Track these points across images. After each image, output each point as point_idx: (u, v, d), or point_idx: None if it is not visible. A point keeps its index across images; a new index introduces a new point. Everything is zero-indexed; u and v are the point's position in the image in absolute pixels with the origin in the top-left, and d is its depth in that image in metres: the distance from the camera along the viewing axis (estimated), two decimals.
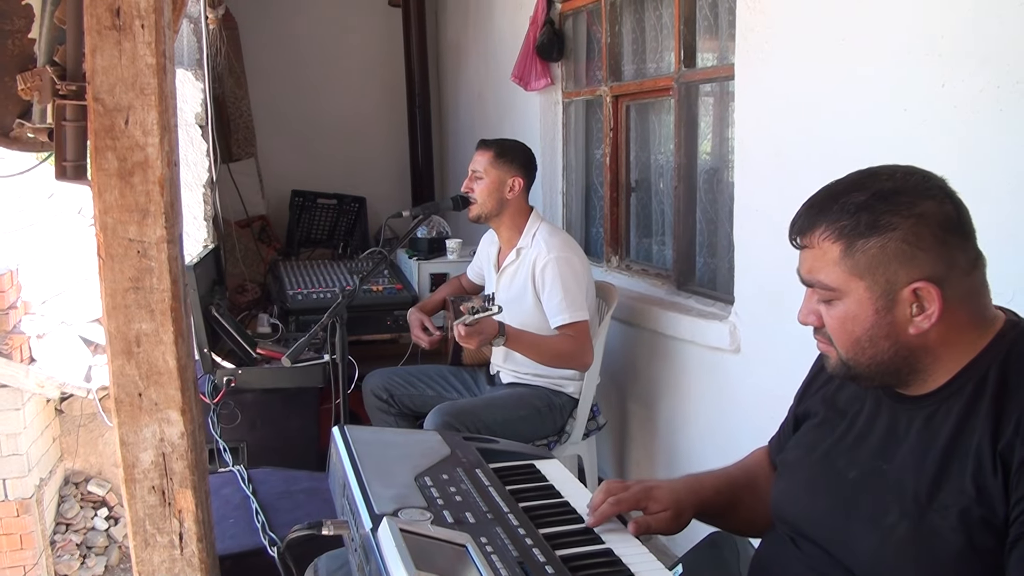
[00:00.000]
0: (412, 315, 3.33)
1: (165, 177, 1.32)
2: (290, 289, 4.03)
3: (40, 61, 1.79)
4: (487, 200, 3.08)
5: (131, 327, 1.34)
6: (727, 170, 3.06)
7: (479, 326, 2.67)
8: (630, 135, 3.79)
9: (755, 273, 2.71)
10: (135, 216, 1.32)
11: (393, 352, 3.88)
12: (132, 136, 1.30)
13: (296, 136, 5.69)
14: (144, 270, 1.33)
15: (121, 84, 1.29)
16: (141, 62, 1.29)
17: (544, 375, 3.06)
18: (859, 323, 1.29)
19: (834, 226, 1.28)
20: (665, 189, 3.53)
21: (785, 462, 1.51)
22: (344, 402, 2.76)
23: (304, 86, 5.73)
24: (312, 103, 5.75)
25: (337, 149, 5.82)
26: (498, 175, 3.07)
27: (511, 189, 3.07)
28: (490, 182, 3.07)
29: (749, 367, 2.77)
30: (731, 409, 2.88)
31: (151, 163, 1.31)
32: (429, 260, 4.21)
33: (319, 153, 5.75)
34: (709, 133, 3.28)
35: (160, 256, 1.33)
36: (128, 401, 1.36)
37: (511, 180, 3.07)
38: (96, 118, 1.30)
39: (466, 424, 2.78)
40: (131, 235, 1.32)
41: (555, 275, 2.92)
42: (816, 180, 1.38)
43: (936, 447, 1.25)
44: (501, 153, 3.09)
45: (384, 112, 5.99)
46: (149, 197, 1.32)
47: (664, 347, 3.23)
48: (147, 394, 1.36)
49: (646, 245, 3.75)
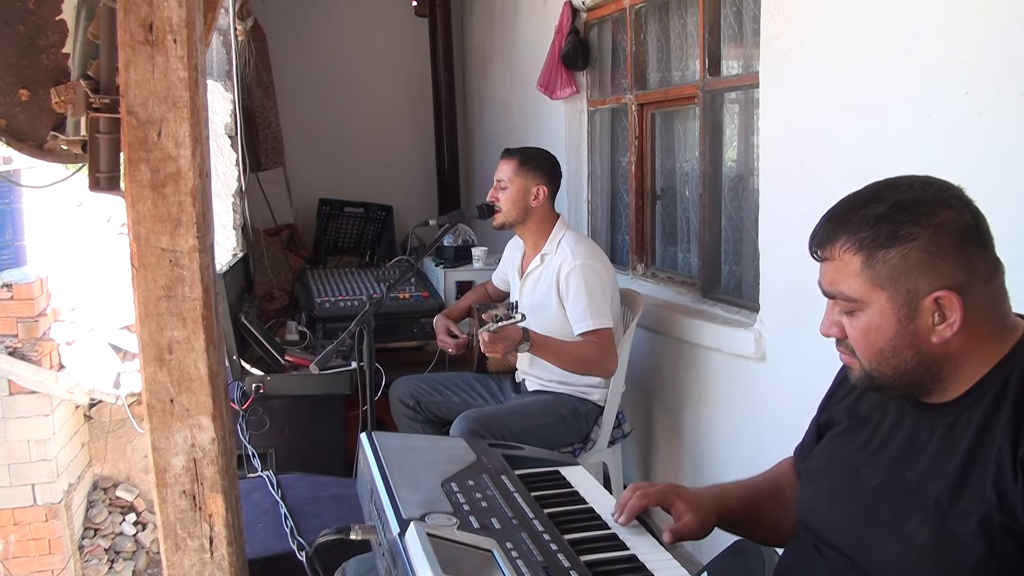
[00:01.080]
0: (438, 321, 3.34)
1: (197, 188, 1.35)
2: (318, 297, 4.06)
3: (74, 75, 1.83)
4: (511, 209, 3.09)
5: (163, 335, 1.37)
6: (752, 177, 3.06)
7: (503, 333, 2.68)
8: (655, 143, 3.80)
9: (780, 280, 2.70)
10: (167, 226, 1.35)
11: (419, 359, 3.90)
12: (165, 148, 1.33)
13: (323, 145, 5.74)
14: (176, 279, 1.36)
15: (154, 97, 1.32)
16: (173, 76, 1.31)
17: (569, 383, 3.07)
18: (882, 333, 1.29)
19: (854, 238, 1.28)
20: (690, 197, 3.53)
21: (809, 470, 1.51)
22: (371, 409, 2.78)
23: (331, 96, 5.78)
24: (339, 112, 5.80)
25: (364, 158, 5.86)
26: (522, 183, 3.08)
27: (535, 197, 3.08)
28: (514, 191, 3.08)
29: (775, 375, 2.76)
30: (757, 417, 2.87)
31: (183, 174, 1.34)
32: (455, 268, 4.23)
33: (346, 162, 5.79)
34: (734, 141, 3.28)
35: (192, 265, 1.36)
36: (160, 407, 1.38)
37: (535, 188, 3.08)
38: (130, 131, 1.33)
39: (491, 431, 2.79)
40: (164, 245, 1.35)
41: (580, 282, 2.92)
42: (841, 187, 1.38)
43: (957, 454, 1.25)
44: (525, 161, 3.10)
45: (411, 121, 6.03)
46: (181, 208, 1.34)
47: (689, 355, 3.22)
48: (179, 400, 1.38)
49: (671, 253, 3.75)
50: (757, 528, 1.60)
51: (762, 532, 1.60)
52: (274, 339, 3.41)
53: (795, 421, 1.71)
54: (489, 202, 3.13)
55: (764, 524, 1.60)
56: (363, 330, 2.74)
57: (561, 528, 1.44)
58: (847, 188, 1.35)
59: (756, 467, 1.72)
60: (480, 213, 3.14)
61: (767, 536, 1.60)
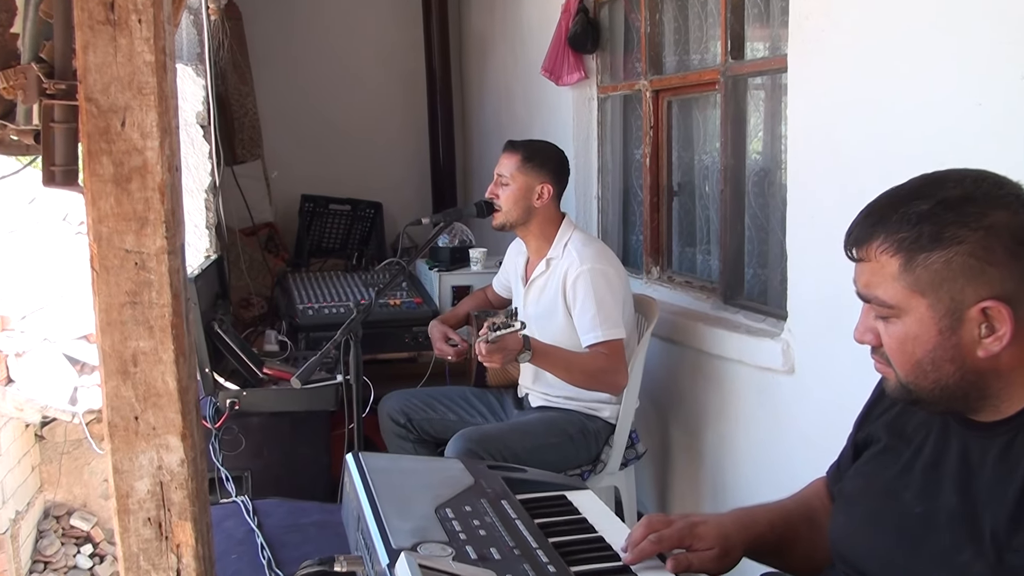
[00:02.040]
0: (434, 327, 3.35)
1: (165, 183, 1.34)
2: (300, 303, 4.06)
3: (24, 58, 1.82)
4: (512, 208, 3.09)
5: (127, 345, 1.36)
6: (779, 172, 3.05)
7: (502, 343, 2.68)
8: (672, 133, 3.79)
9: (810, 285, 2.69)
10: (132, 225, 1.34)
11: (412, 372, 3.90)
12: (129, 139, 1.32)
13: (306, 136, 5.74)
14: (142, 283, 1.35)
15: (117, 83, 1.31)
16: (139, 59, 1.31)
17: (577, 398, 3.06)
18: (920, 344, 1.28)
19: (893, 238, 1.27)
20: (711, 193, 3.53)
21: (844, 493, 1.51)
22: (358, 427, 2.78)
23: (315, 82, 5.78)
24: (324, 100, 5.80)
25: (351, 150, 5.86)
26: (525, 181, 3.08)
27: (539, 197, 3.08)
28: (516, 188, 3.08)
29: (804, 389, 2.75)
30: (785, 436, 2.86)
31: (150, 168, 1.33)
32: (451, 271, 4.23)
33: (331, 155, 5.79)
34: (759, 131, 3.27)
35: (160, 268, 1.35)
36: (123, 425, 1.37)
37: (540, 187, 3.08)
38: (89, 120, 1.32)
39: (491, 451, 2.78)
40: (128, 245, 1.34)
41: (588, 288, 2.92)
42: (878, 183, 1.37)
43: (1016, 480, 1.23)
44: (529, 156, 3.10)
45: (402, 110, 6.03)
46: (148, 205, 1.34)
47: (710, 367, 3.22)
48: (144, 418, 1.37)
49: (690, 255, 3.75)
50: (789, 556, 1.59)
51: (795, 560, 1.59)
52: (251, 350, 3.41)
53: (828, 440, 1.70)
54: (488, 199, 3.13)
55: (797, 551, 1.59)
56: (350, 340, 2.74)
57: (567, 559, 1.43)
58: (885, 183, 1.34)
59: (785, 491, 1.71)
60: (478, 211, 3.14)
61: (800, 565, 1.59)
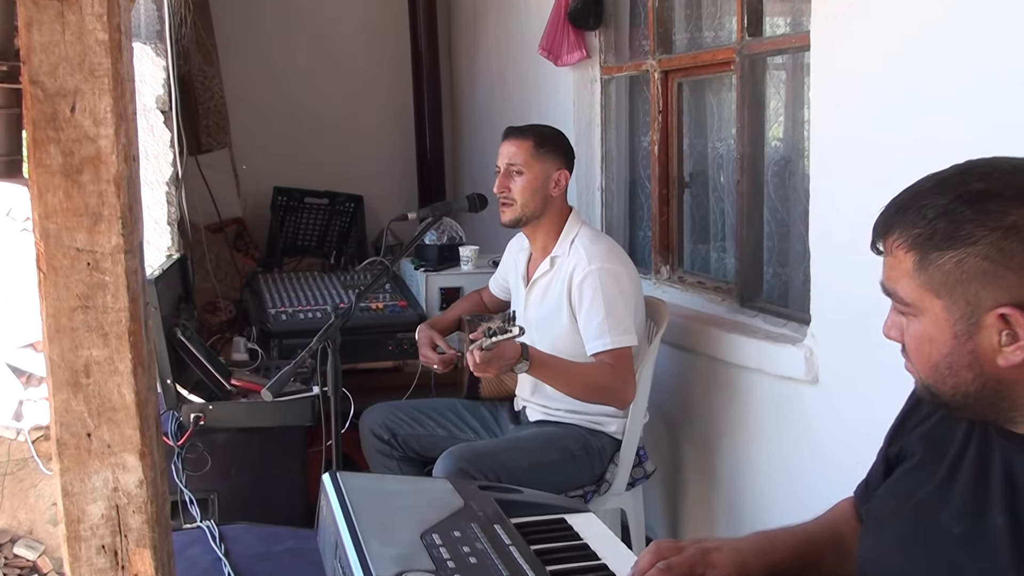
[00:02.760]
0: (421, 332, 3.35)
1: (121, 174, 1.34)
2: (272, 307, 4.05)
3: None
4: (530, 200, 3.08)
5: (79, 354, 1.35)
6: (801, 161, 3.05)
7: (497, 351, 2.67)
8: (683, 119, 3.80)
9: (836, 286, 2.69)
10: (84, 221, 1.34)
11: (396, 383, 3.89)
12: (80, 126, 1.32)
13: (279, 122, 5.73)
14: (96, 286, 1.34)
15: (65, 64, 1.31)
16: (90, 38, 1.30)
17: (580, 411, 3.07)
18: (936, 347, 1.30)
19: (908, 233, 1.29)
20: (726, 184, 3.53)
21: (873, 514, 1.51)
22: (337, 444, 2.78)
23: (289, 62, 5.77)
24: (298, 83, 5.79)
25: (329, 138, 5.85)
26: (542, 169, 3.08)
27: (556, 184, 3.09)
28: (533, 177, 3.08)
29: (830, 401, 2.75)
30: (808, 452, 2.86)
31: (104, 158, 1.33)
32: (439, 272, 4.22)
33: (307, 143, 5.78)
34: (779, 116, 3.28)
35: (115, 269, 1.35)
36: (74, 443, 1.37)
37: (556, 174, 3.09)
38: (35, 105, 1.32)
39: (484, 470, 2.78)
40: (80, 244, 1.34)
41: (596, 290, 2.93)
42: (910, 173, 1.37)
43: None
44: (542, 142, 3.10)
45: (385, 93, 6.02)
46: (102, 199, 1.33)
47: (725, 377, 3.22)
48: (98, 434, 1.37)
49: (703, 252, 3.75)
50: None
51: None
52: (218, 359, 3.41)
53: (855, 455, 1.70)
54: (498, 193, 3.11)
55: None
56: (327, 348, 2.74)
57: None
58: (917, 173, 1.34)
59: (808, 512, 1.71)
60: (470, 205, 3.15)
61: None
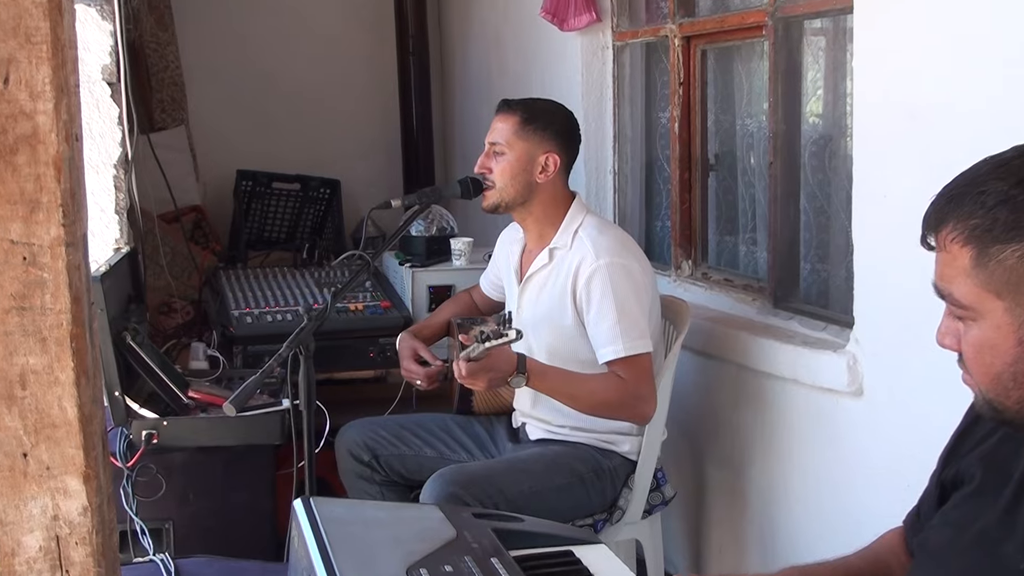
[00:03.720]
0: (403, 342, 3.34)
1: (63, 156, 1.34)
2: (235, 308, 4.05)
3: None
4: (509, 184, 3.09)
5: (13, 362, 1.35)
6: (844, 140, 3.05)
7: (489, 360, 2.67)
8: (707, 92, 3.80)
9: (884, 284, 2.69)
10: (20, 210, 1.33)
11: (378, 396, 3.88)
12: (15, 100, 1.32)
13: (243, 97, 5.72)
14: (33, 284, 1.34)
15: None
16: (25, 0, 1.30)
17: (588, 428, 3.07)
18: (998, 355, 1.29)
19: (964, 224, 1.28)
20: (756, 167, 3.53)
21: (927, 547, 1.51)
22: (310, 465, 2.77)
23: (254, 28, 5.76)
24: (266, 51, 5.78)
25: (301, 115, 5.84)
26: (525, 150, 3.08)
27: (543, 170, 3.08)
28: (514, 159, 3.08)
29: (875, 416, 2.75)
30: (850, 475, 2.86)
31: (42, 137, 1.33)
32: (428, 268, 4.21)
33: (276, 120, 5.77)
34: (819, 88, 3.28)
35: (56, 265, 1.35)
36: (7, 464, 1.37)
37: (543, 157, 3.08)
38: None
39: (479, 496, 2.78)
40: (13, 236, 1.33)
41: (606, 289, 2.92)
42: (968, 153, 1.37)
43: None
44: (530, 119, 3.09)
45: (366, 64, 6.02)
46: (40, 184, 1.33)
47: (755, 388, 3.22)
48: (35, 454, 1.37)
49: (730, 245, 3.75)
50: None
51: None
52: (173, 368, 3.40)
53: (905, 479, 1.71)
54: (478, 174, 3.12)
55: None
56: (299, 354, 2.73)
57: None
58: (976, 154, 1.34)
59: (850, 543, 1.71)
60: (463, 191, 3.13)
61: None
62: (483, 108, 5.19)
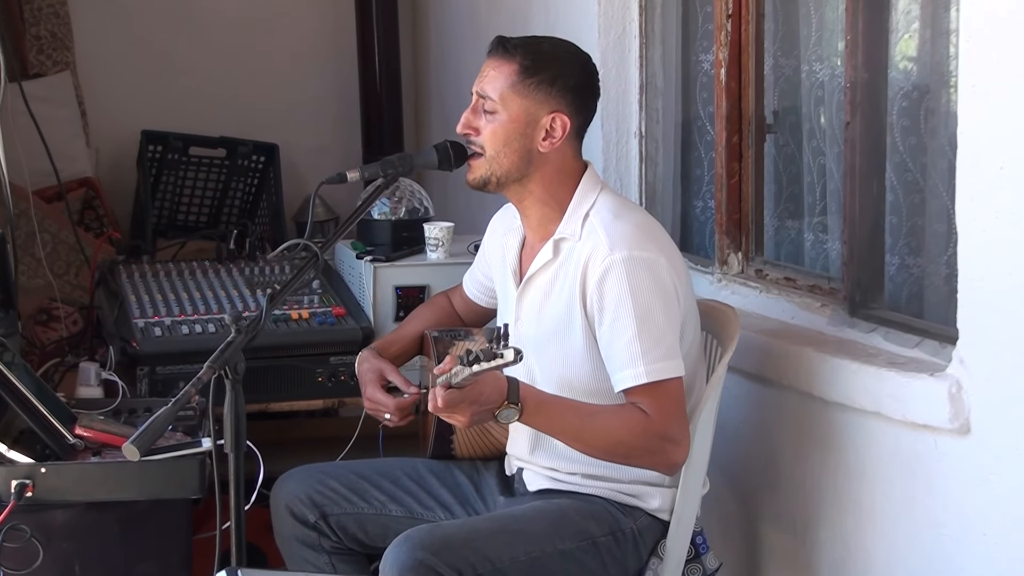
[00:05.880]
0: (365, 362, 3.35)
1: None
2: (139, 317, 4.04)
3: None
4: (502, 152, 3.07)
5: None
6: (945, 93, 3.05)
7: (474, 388, 2.68)
8: (763, 28, 3.80)
9: (998, 285, 2.68)
10: None
11: (328, 434, 3.90)
12: None
13: (148, 37, 5.72)
14: None
15: None
16: None
17: (606, 477, 3.08)
18: None
19: None
20: (828, 128, 3.54)
21: None
22: (238, 527, 2.77)
23: None
24: None
25: (227, 59, 5.85)
26: (525, 109, 3.05)
27: (548, 135, 3.06)
28: (509, 120, 3.05)
29: (986, 460, 2.74)
30: (952, 538, 2.86)
31: None
32: (394, 263, 4.21)
33: (192, 67, 5.78)
34: (912, 23, 3.28)
35: None
36: None
37: (548, 118, 3.05)
38: None
39: (457, 565, 2.78)
40: None
41: (623, 293, 2.91)
42: None
43: None
44: (533, 67, 3.05)
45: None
46: None
47: (826, 424, 3.23)
48: None
49: (792, 233, 3.77)
50: None
51: None
52: (55, 396, 3.40)
53: None
54: (461, 137, 3.11)
55: None
56: (224, 379, 2.72)
57: None
58: None
59: None
60: (441, 159, 3.13)
61: None
62: (467, 52, 5.20)
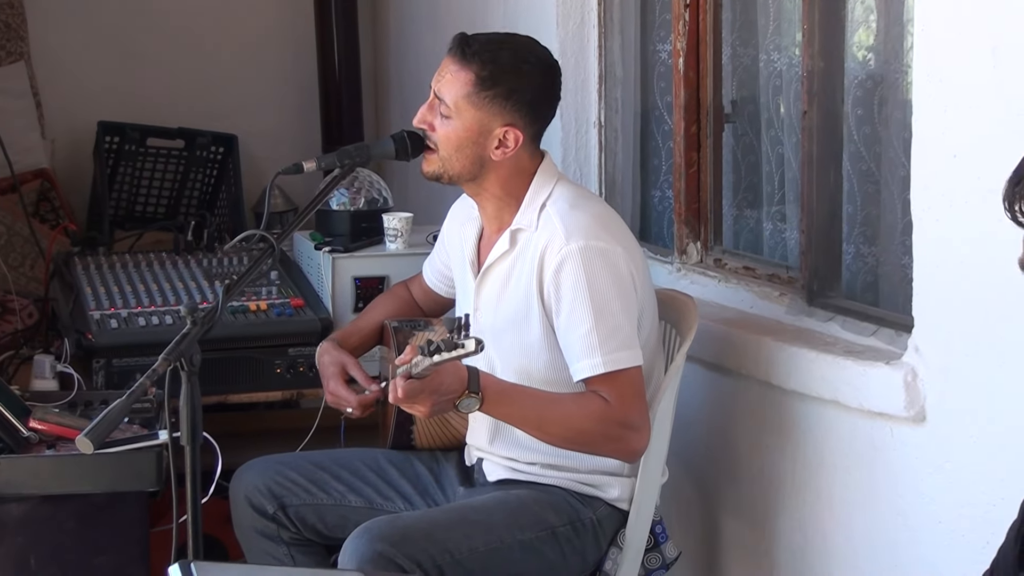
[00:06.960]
0: (326, 354, 3.36)
1: None
2: (95, 309, 4.03)
3: None
4: (454, 157, 3.07)
5: None
6: (900, 81, 3.06)
7: (432, 379, 2.68)
8: (721, 17, 3.80)
9: (954, 272, 2.69)
10: None
11: (287, 426, 3.89)
12: None
13: (106, 25, 5.70)
14: None
15: None
16: None
17: (566, 467, 3.09)
18: None
19: None
20: (787, 117, 3.55)
21: None
22: (195, 520, 2.76)
23: None
24: None
25: (184, 48, 5.83)
26: (476, 120, 3.04)
27: (500, 144, 3.06)
28: (462, 128, 3.04)
29: (942, 448, 2.76)
30: (909, 527, 2.87)
31: None
32: (353, 253, 4.20)
33: (151, 56, 5.76)
34: (870, 13, 3.29)
35: None
36: None
37: (502, 130, 3.04)
38: None
39: (416, 556, 2.78)
40: None
41: (579, 283, 2.92)
42: None
43: None
44: (490, 80, 3.02)
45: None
46: None
47: (784, 413, 3.24)
48: None
49: (751, 222, 3.78)
50: None
51: None
52: (8, 389, 3.39)
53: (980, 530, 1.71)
54: (417, 128, 3.09)
55: None
56: (180, 370, 2.72)
57: None
58: None
59: None
60: (399, 149, 3.13)
61: None
62: (427, 39, 5.19)
